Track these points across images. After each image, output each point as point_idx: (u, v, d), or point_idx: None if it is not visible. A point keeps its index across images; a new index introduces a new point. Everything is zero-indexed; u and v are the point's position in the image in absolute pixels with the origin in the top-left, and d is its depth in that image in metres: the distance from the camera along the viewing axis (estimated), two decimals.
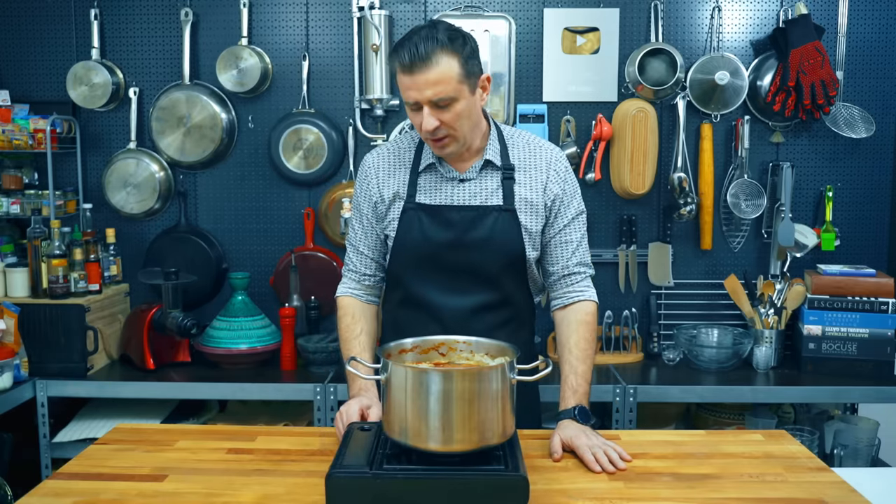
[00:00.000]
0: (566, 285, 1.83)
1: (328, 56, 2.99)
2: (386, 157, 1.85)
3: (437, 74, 1.61)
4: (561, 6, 2.94)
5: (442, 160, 1.80)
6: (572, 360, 1.74)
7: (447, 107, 1.65)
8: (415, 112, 1.68)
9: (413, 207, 1.79)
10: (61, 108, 2.97)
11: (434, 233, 1.77)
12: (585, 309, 1.81)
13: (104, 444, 1.68)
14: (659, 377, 2.76)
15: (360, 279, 1.90)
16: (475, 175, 1.79)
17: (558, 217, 1.81)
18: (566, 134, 2.96)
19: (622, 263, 3.01)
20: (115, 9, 3.00)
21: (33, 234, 2.75)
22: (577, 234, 1.83)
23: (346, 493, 1.32)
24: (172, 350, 2.86)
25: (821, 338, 2.76)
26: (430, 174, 1.81)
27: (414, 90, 1.63)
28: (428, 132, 1.67)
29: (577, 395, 1.69)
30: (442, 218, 1.77)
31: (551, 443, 1.60)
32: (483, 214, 1.77)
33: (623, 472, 1.51)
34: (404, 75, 1.64)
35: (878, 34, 2.96)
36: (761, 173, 2.99)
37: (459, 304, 1.80)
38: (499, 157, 1.79)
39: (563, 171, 1.83)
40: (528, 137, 1.86)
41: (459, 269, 1.79)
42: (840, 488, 1.46)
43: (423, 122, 1.66)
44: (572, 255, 1.82)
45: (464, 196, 1.79)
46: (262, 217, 3.07)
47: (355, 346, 1.83)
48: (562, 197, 1.81)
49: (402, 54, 1.62)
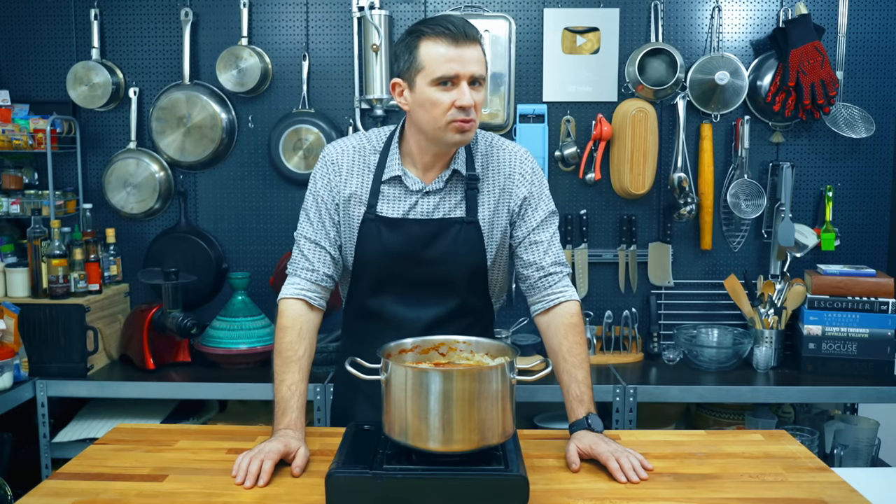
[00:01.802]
0: (544, 287, 1.77)
1: (328, 56, 3.00)
2: (350, 154, 1.76)
3: (479, 54, 1.62)
4: (561, 6, 2.94)
5: (407, 171, 1.73)
6: (569, 368, 1.68)
7: (479, 88, 1.63)
8: (446, 90, 1.60)
9: (373, 219, 1.73)
10: (61, 108, 2.98)
11: (395, 246, 1.72)
12: (569, 311, 1.74)
13: (104, 444, 1.68)
14: (659, 377, 2.76)
15: (316, 279, 1.75)
16: (441, 185, 1.74)
17: (526, 219, 1.77)
18: (566, 134, 2.96)
19: (622, 263, 3.01)
20: (115, 9, 3.00)
21: (33, 234, 2.75)
22: (546, 233, 1.77)
23: (346, 493, 1.32)
24: (172, 350, 2.86)
25: (821, 338, 2.76)
26: (393, 186, 1.74)
27: (458, 63, 1.58)
28: (464, 108, 1.60)
29: (584, 404, 1.65)
30: (402, 231, 1.72)
31: (568, 454, 1.56)
32: (445, 227, 1.73)
33: (645, 480, 1.49)
34: (448, 47, 1.58)
35: (878, 34, 2.96)
36: (761, 173, 2.99)
37: (419, 316, 1.77)
38: (465, 165, 1.74)
39: (528, 173, 1.77)
40: (491, 140, 1.80)
41: (420, 280, 1.75)
42: (840, 488, 1.46)
43: (464, 96, 1.59)
44: (545, 255, 1.76)
45: (427, 208, 1.74)
46: (262, 217, 3.07)
47: (293, 372, 1.65)
48: (529, 199, 1.77)
49: (446, 27, 1.59)
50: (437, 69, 1.59)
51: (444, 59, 1.59)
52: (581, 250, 2.99)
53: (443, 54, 1.59)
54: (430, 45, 1.60)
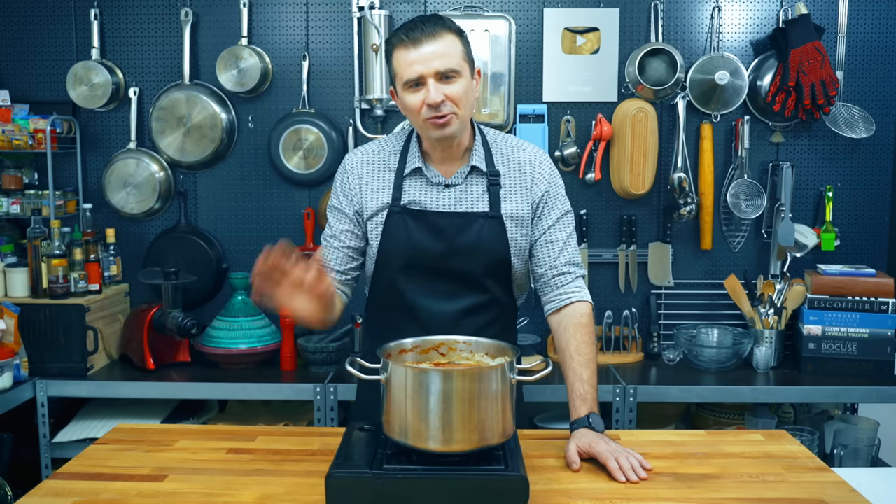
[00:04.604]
0: (556, 287, 1.79)
1: (328, 56, 3.00)
2: (370, 159, 1.82)
3: (444, 47, 1.64)
4: (561, 6, 2.94)
5: (428, 164, 1.78)
6: (575, 367, 1.70)
7: (452, 80, 1.65)
8: (415, 91, 1.65)
9: (398, 211, 1.77)
10: (61, 108, 2.97)
11: (420, 238, 1.76)
12: (580, 311, 1.76)
13: (104, 444, 1.68)
14: (659, 377, 2.76)
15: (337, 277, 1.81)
16: (461, 181, 1.78)
17: (543, 217, 1.80)
18: (566, 134, 2.96)
19: (622, 263, 3.01)
20: (115, 9, 3.00)
21: (33, 234, 2.75)
22: (562, 233, 1.81)
23: (346, 493, 1.32)
24: (172, 350, 2.86)
25: (821, 338, 2.76)
26: (415, 178, 1.79)
27: (420, 63, 1.63)
28: (433, 105, 1.63)
29: (587, 402, 1.66)
30: (428, 223, 1.76)
31: (568, 453, 1.57)
32: (470, 221, 1.76)
33: (645, 480, 1.49)
34: (408, 50, 1.64)
35: (878, 34, 2.96)
36: (761, 173, 2.99)
37: (445, 309, 1.78)
38: (484, 162, 1.78)
39: (547, 173, 1.81)
40: (511, 140, 1.84)
41: (445, 273, 1.78)
42: (840, 488, 1.46)
43: (430, 94, 1.63)
44: (559, 255, 1.79)
45: (449, 201, 1.77)
46: (262, 217, 3.07)
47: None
48: (546, 198, 1.80)
49: (405, 31, 1.65)
50: (404, 74, 1.66)
51: (407, 64, 1.65)
52: (581, 250, 2.99)
53: (405, 58, 1.65)
54: (398, 52, 1.67)
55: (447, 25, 1.67)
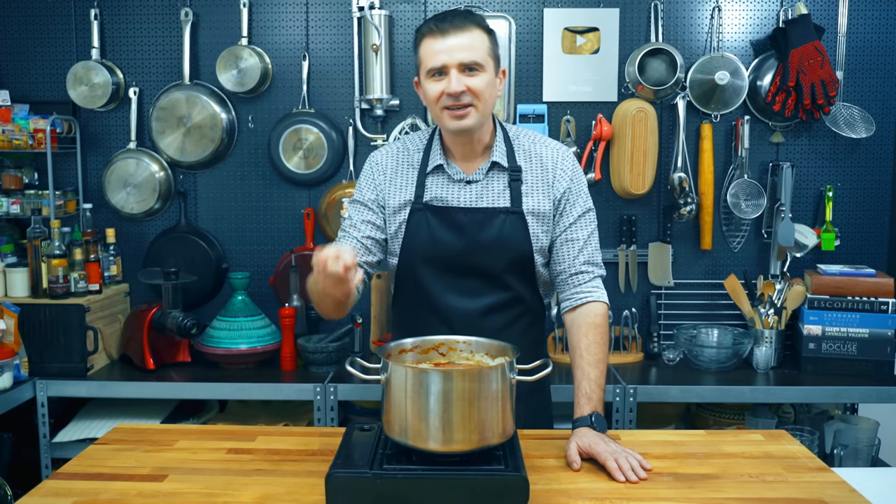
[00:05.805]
0: (574, 286, 1.80)
1: (328, 56, 3.00)
2: (395, 156, 1.84)
3: (470, 40, 1.67)
4: (561, 6, 2.94)
5: (450, 161, 1.79)
6: (584, 366, 1.70)
7: (475, 73, 1.67)
8: (437, 80, 1.68)
9: (421, 208, 1.78)
10: (61, 108, 2.98)
11: (442, 234, 1.77)
12: (595, 311, 1.76)
13: (104, 444, 1.68)
14: (659, 377, 2.76)
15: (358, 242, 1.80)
16: (482, 177, 1.79)
17: (564, 215, 1.80)
18: (566, 134, 2.96)
19: (622, 263, 3.01)
20: (115, 9, 3.00)
21: (33, 234, 2.75)
22: (583, 232, 1.80)
23: (346, 493, 1.32)
24: (172, 350, 2.86)
25: (821, 338, 2.76)
26: (437, 175, 1.80)
27: (444, 53, 1.66)
28: (453, 94, 1.66)
29: (592, 402, 1.66)
30: (450, 219, 1.77)
31: (568, 452, 1.57)
32: (491, 216, 1.76)
33: (644, 480, 1.49)
34: (435, 39, 1.67)
35: (878, 34, 2.96)
36: (761, 173, 2.99)
37: (469, 306, 1.79)
38: (505, 158, 1.79)
39: (569, 169, 1.81)
40: (534, 137, 1.85)
41: (467, 270, 1.78)
42: (840, 488, 1.46)
43: (451, 84, 1.65)
44: (579, 254, 1.79)
45: (470, 197, 1.78)
46: (262, 217, 3.07)
47: None
48: (567, 195, 1.80)
49: (435, 21, 1.68)
50: (428, 62, 1.69)
51: (433, 52, 1.68)
52: None
53: (431, 47, 1.68)
54: (425, 41, 1.70)
55: (476, 21, 1.70)
